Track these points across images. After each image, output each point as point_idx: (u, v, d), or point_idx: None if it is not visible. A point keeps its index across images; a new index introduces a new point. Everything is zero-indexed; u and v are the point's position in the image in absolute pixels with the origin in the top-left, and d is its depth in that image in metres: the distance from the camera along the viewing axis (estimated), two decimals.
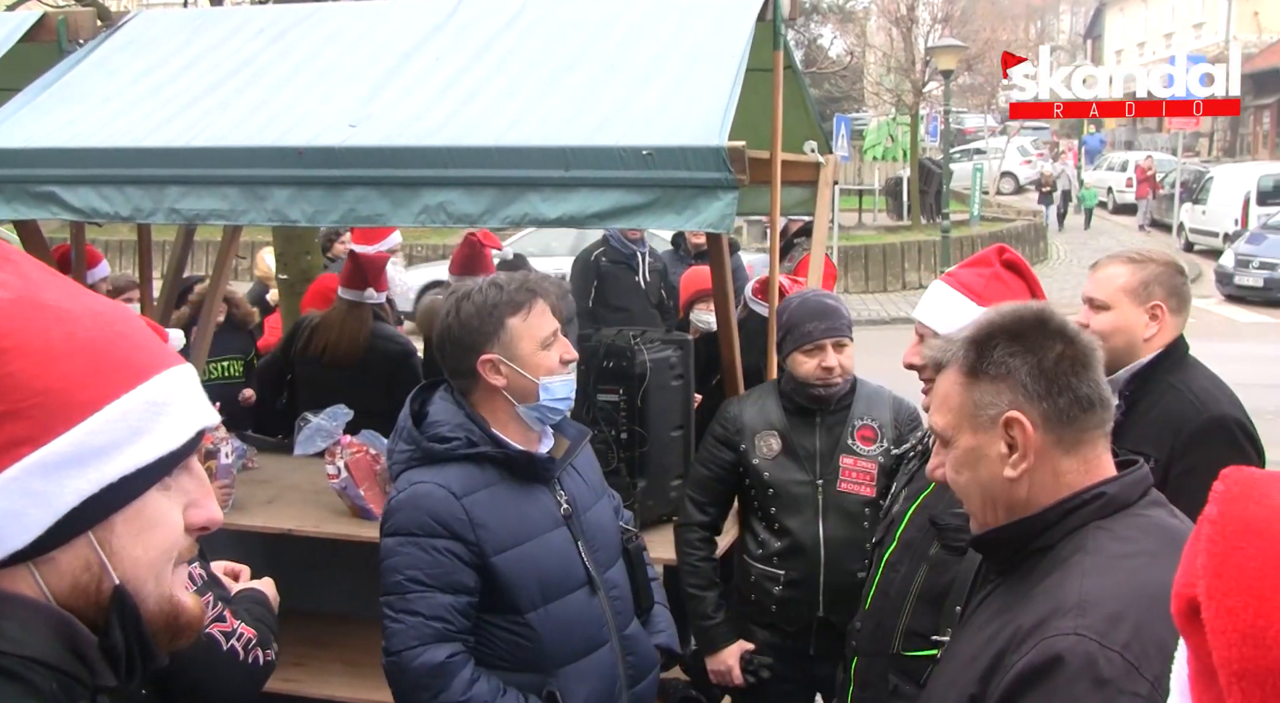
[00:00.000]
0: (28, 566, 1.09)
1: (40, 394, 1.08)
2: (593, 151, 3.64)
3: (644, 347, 4.62)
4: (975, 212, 26.88)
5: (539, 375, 2.82)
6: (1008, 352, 1.81)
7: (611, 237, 7.05)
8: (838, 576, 3.68)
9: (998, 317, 1.88)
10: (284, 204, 3.94)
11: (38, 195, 4.18)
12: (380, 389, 5.41)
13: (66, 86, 4.47)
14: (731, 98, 3.73)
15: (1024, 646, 1.64)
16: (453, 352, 2.84)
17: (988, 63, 33.27)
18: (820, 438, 3.74)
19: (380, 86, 4.12)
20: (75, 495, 1.09)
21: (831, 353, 3.67)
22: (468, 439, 2.81)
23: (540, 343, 2.83)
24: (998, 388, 1.81)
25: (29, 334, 1.08)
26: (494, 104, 3.92)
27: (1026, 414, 1.78)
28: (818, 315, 3.69)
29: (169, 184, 4.05)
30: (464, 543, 2.74)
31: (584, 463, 3.09)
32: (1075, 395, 1.78)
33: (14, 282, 1.12)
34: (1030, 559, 1.79)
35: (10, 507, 1.06)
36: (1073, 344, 1.81)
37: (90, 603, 1.13)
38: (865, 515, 3.70)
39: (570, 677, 2.83)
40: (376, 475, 4.44)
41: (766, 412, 3.81)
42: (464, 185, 3.77)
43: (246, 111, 4.12)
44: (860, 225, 26.84)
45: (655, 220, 3.72)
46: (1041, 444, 1.78)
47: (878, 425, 3.75)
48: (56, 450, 1.08)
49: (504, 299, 2.81)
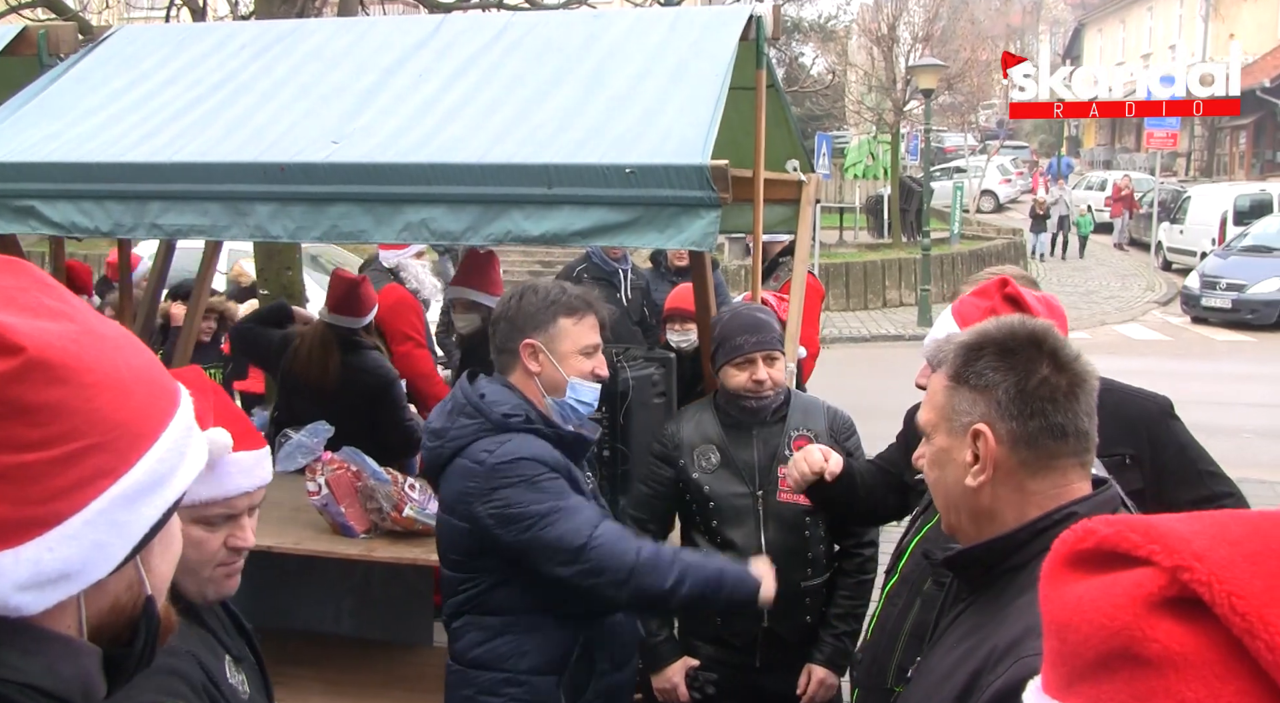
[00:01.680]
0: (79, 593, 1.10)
1: (120, 426, 1.10)
2: (575, 169, 3.64)
3: (626, 364, 4.63)
4: (955, 230, 27.01)
5: (570, 375, 3.12)
6: (992, 365, 1.83)
7: (593, 253, 7.06)
8: (781, 586, 3.69)
9: (994, 328, 1.89)
10: (266, 220, 3.93)
11: (17, 210, 4.15)
12: (357, 417, 5.32)
13: (47, 101, 4.44)
14: (714, 116, 3.74)
15: (1000, 666, 1.64)
16: (504, 329, 3.16)
17: (968, 82, 33.54)
18: (758, 450, 3.77)
19: (363, 103, 4.11)
20: (146, 523, 1.13)
21: (762, 366, 3.71)
22: (527, 416, 3.08)
23: (581, 349, 3.13)
24: (975, 398, 1.83)
25: (105, 368, 1.10)
26: (477, 121, 3.92)
27: (994, 429, 1.80)
28: (748, 329, 3.74)
29: (150, 199, 4.03)
30: (570, 482, 3.06)
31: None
32: (1047, 422, 1.78)
33: (70, 312, 1.13)
34: (1002, 578, 1.80)
35: (99, 539, 1.08)
36: (1061, 371, 1.81)
37: (124, 619, 1.16)
38: (806, 524, 3.74)
39: (601, 632, 3.17)
40: (357, 492, 4.42)
41: (704, 426, 3.84)
42: (447, 202, 3.77)
43: (229, 127, 4.10)
44: (841, 243, 26.97)
45: (638, 239, 3.72)
46: (1006, 462, 1.80)
47: (813, 435, 3.78)
48: (135, 480, 1.11)
49: (564, 300, 3.13)
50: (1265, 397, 14.04)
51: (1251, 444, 11.53)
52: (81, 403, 1.07)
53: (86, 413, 1.07)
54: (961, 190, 29.31)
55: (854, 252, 25.45)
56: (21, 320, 1.06)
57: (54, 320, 1.10)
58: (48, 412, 1.04)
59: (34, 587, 1.05)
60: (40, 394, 1.04)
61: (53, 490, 1.05)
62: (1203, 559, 0.88)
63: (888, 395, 2.65)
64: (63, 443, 1.05)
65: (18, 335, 1.04)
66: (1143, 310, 22.52)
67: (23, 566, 1.03)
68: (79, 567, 1.07)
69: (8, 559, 1.03)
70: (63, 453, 1.05)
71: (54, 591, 1.06)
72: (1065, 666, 0.95)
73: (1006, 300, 2.89)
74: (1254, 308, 20.33)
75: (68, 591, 1.08)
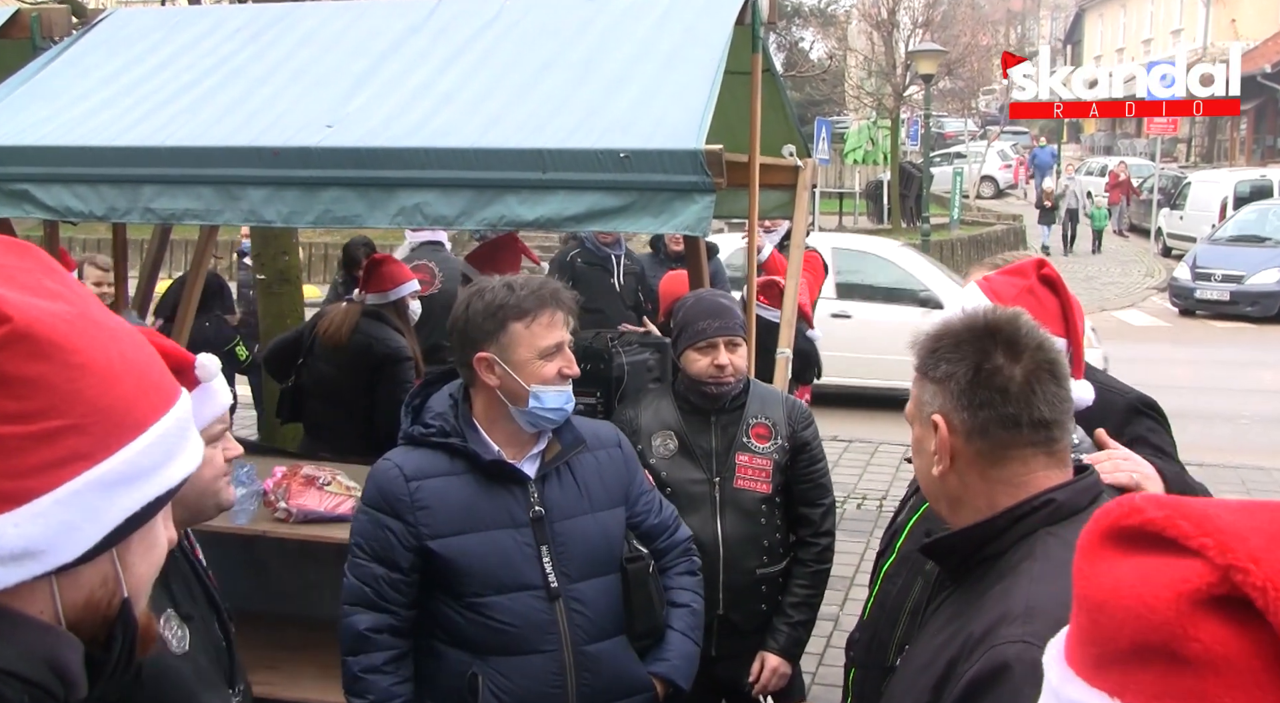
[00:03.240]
0: (50, 578, 1.09)
1: (102, 412, 1.09)
2: (570, 154, 3.64)
3: (621, 349, 4.63)
4: (955, 215, 26.96)
5: (531, 383, 2.88)
6: (946, 356, 1.84)
7: (586, 238, 7.05)
8: (737, 574, 3.70)
9: (957, 319, 1.89)
10: (259, 204, 3.92)
11: (10, 194, 4.15)
12: (361, 387, 5.49)
13: (40, 84, 4.43)
14: (709, 101, 3.73)
15: (974, 654, 1.64)
16: (457, 343, 2.97)
17: (968, 67, 33.48)
18: (716, 436, 3.74)
19: (357, 87, 4.10)
20: (121, 513, 1.11)
21: (724, 351, 3.67)
22: (441, 429, 2.95)
23: (539, 352, 2.89)
24: (935, 389, 1.85)
25: (95, 352, 1.09)
26: (471, 105, 3.91)
27: (949, 420, 1.81)
28: (711, 314, 3.70)
29: (144, 183, 4.02)
30: (403, 522, 2.90)
31: (588, 472, 3.09)
32: (997, 412, 1.78)
33: (69, 295, 1.12)
34: (981, 566, 1.80)
35: (68, 519, 1.07)
36: (1015, 361, 1.80)
37: (99, 617, 1.14)
38: (762, 512, 3.72)
39: (500, 669, 2.91)
40: (316, 482, 4.43)
41: (662, 413, 3.81)
42: (441, 187, 3.76)
43: (222, 111, 4.09)
44: (841, 228, 26.89)
45: (632, 223, 3.71)
46: (963, 452, 1.81)
47: (771, 423, 3.77)
48: (113, 468, 1.09)
49: (511, 303, 2.88)
50: (1264, 383, 14.05)
51: (1250, 430, 11.55)
52: (64, 382, 1.06)
53: (68, 393, 1.06)
54: (961, 176, 29.23)
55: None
56: (12, 294, 1.06)
57: (50, 300, 1.09)
58: (28, 386, 1.04)
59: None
60: (22, 367, 1.04)
61: (25, 466, 1.04)
62: (1259, 562, 0.84)
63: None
64: (41, 419, 1.05)
65: (6, 306, 1.03)
66: (1142, 296, 22.49)
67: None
68: (44, 546, 1.06)
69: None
70: (40, 430, 1.05)
71: (17, 568, 1.05)
72: (1095, 647, 0.93)
73: (1043, 281, 2.84)
74: (1254, 300, 19.55)
75: (31, 570, 1.06)
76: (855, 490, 8.83)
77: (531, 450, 3.01)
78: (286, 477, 4.45)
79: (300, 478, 4.44)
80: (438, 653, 2.98)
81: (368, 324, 5.62)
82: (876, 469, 9.47)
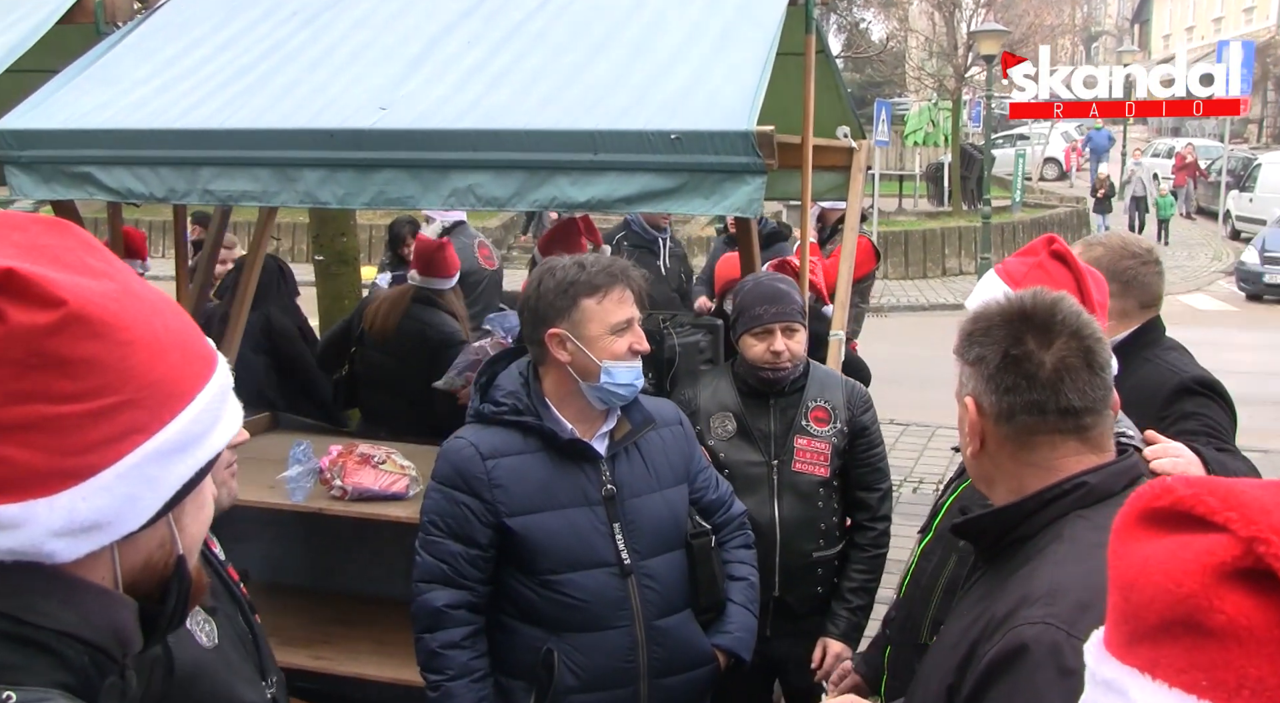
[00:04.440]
0: (111, 545, 1.14)
1: (153, 385, 1.13)
2: (621, 135, 3.64)
3: (673, 331, 4.64)
4: (1017, 198, 26.63)
5: (602, 358, 2.94)
6: (980, 340, 1.84)
7: (632, 221, 7.05)
8: (792, 556, 3.71)
9: (996, 302, 1.89)
10: (315, 186, 3.97)
11: (74, 176, 4.23)
12: (418, 374, 5.46)
13: (103, 69, 4.51)
14: (761, 82, 3.71)
15: (995, 635, 1.64)
16: (529, 320, 3.01)
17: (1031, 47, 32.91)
18: (774, 419, 3.75)
19: (410, 70, 4.13)
20: (178, 480, 1.16)
21: (780, 337, 3.68)
22: (514, 407, 3.00)
23: (610, 328, 2.94)
24: (969, 371, 1.85)
25: (141, 327, 1.13)
26: (523, 87, 3.92)
27: (979, 403, 1.82)
28: (768, 299, 3.70)
29: (202, 165, 4.09)
30: (480, 500, 2.94)
31: (654, 450, 3.15)
32: (1024, 398, 1.78)
33: (112, 272, 1.16)
34: (1012, 547, 1.79)
35: (131, 492, 1.11)
36: (1047, 347, 1.79)
37: (155, 576, 1.20)
38: (819, 495, 3.73)
39: (575, 645, 2.96)
40: (371, 460, 4.48)
41: (721, 394, 3.83)
42: (493, 168, 3.78)
43: (279, 94, 4.14)
44: (900, 211, 26.68)
45: (683, 205, 3.71)
46: (992, 435, 1.82)
47: (831, 407, 3.77)
48: (168, 438, 1.14)
49: (583, 279, 2.93)
50: None
51: None
52: (117, 360, 1.10)
53: (122, 370, 1.10)
54: (1024, 158, 28.85)
55: (913, 220, 25.16)
56: (63, 276, 1.09)
57: (95, 279, 1.13)
58: (84, 366, 1.07)
59: (68, 534, 1.08)
60: (77, 348, 1.07)
61: (86, 443, 1.08)
62: None
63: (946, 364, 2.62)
64: (97, 397, 1.08)
65: (60, 289, 1.07)
66: (1209, 280, 22.07)
67: (57, 513, 1.07)
68: (111, 518, 1.11)
69: (42, 507, 1.06)
70: (97, 407, 1.08)
71: (87, 539, 1.10)
72: (1128, 625, 0.94)
73: (1053, 256, 2.84)
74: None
75: (100, 541, 1.11)
76: (911, 474, 8.79)
77: (601, 428, 3.07)
78: (342, 455, 4.51)
79: (355, 457, 4.50)
80: (508, 628, 3.03)
81: (419, 309, 5.62)
82: (933, 453, 9.41)
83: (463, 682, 2.93)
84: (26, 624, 1.08)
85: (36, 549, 1.08)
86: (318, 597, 5.07)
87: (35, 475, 1.07)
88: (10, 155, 4.24)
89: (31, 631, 1.08)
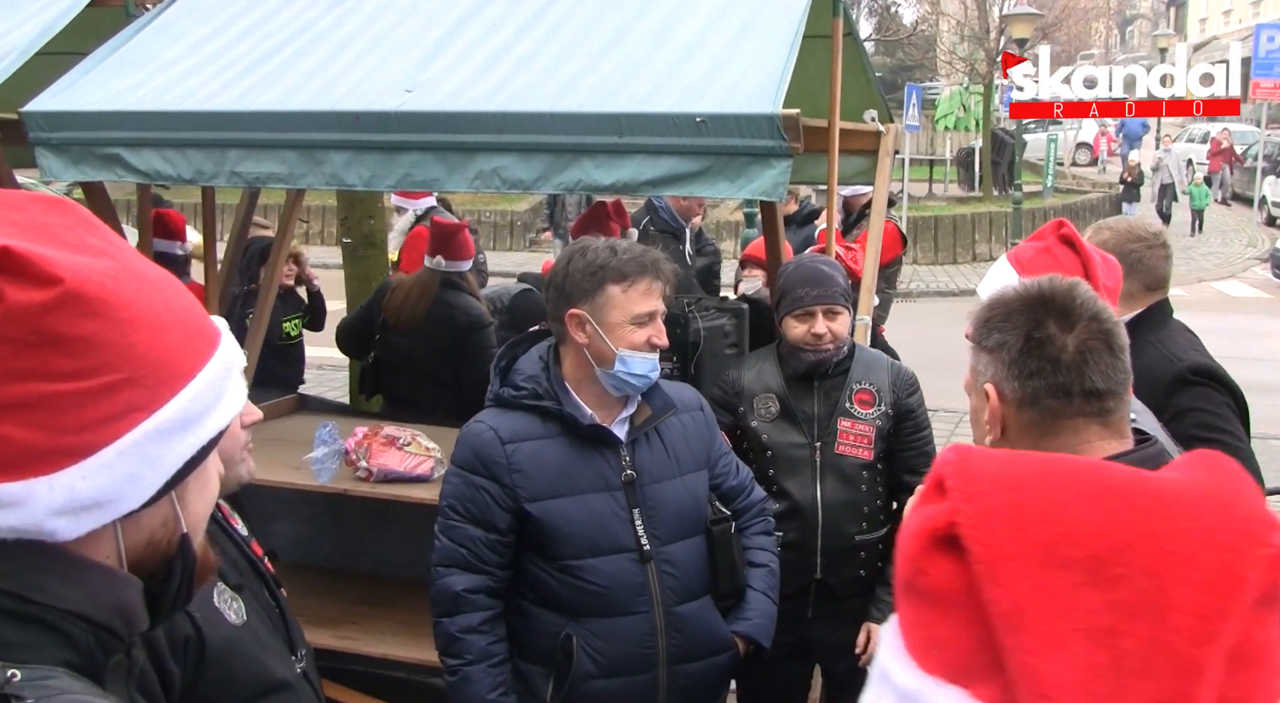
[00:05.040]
0: (115, 523, 1.14)
1: (154, 363, 1.13)
2: (646, 118, 3.63)
3: (698, 314, 4.62)
4: (1049, 183, 26.41)
5: (619, 347, 2.92)
6: (999, 326, 1.82)
7: (660, 208, 7.03)
8: (835, 539, 3.70)
9: (1011, 289, 1.87)
10: (341, 168, 3.98)
11: (103, 158, 4.26)
12: (444, 358, 5.47)
13: (131, 51, 4.53)
14: (787, 65, 3.69)
15: None
16: (553, 297, 3.00)
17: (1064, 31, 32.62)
18: (818, 401, 3.75)
19: (436, 52, 4.13)
20: (179, 458, 1.16)
21: (821, 320, 3.67)
22: (534, 391, 2.98)
23: (632, 317, 2.92)
24: (988, 359, 1.84)
25: (141, 305, 1.13)
26: (548, 70, 3.92)
27: (999, 389, 1.80)
28: (810, 282, 3.69)
29: (229, 147, 4.10)
30: (499, 484, 2.93)
31: (675, 435, 3.14)
32: (1048, 382, 1.76)
33: (112, 250, 1.16)
34: None
35: (131, 470, 1.12)
36: (1069, 330, 1.78)
37: (159, 555, 1.20)
38: (863, 478, 3.72)
39: (594, 630, 2.96)
40: (397, 442, 4.49)
41: (765, 376, 3.82)
42: (518, 151, 3.78)
43: (304, 77, 4.15)
44: (931, 196, 26.51)
45: (708, 188, 3.70)
46: (1014, 421, 1.80)
47: (875, 390, 3.76)
48: (168, 417, 1.14)
49: (612, 265, 2.92)
50: None
51: None
52: (116, 337, 1.10)
53: (121, 348, 1.10)
54: (1056, 143, 28.60)
55: (944, 205, 25.00)
56: (61, 254, 1.09)
57: (94, 257, 1.13)
58: (82, 344, 1.08)
59: (69, 513, 1.09)
60: (75, 326, 1.07)
61: (86, 421, 1.09)
62: (973, 501, 0.89)
63: None
64: (96, 375, 1.09)
65: (56, 267, 1.07)
66: (1243, 267, 21.84)
67: (58, 492, 1.08)
68: (112, 496, 1.11)
69: (42, 486, 1.07)
70: (96, 385, 1.09)
71: (88, 517, 1.10)
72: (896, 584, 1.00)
73: (1061, 241, 2.83)
74: None
75: (101, 519, 1.12)
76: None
77: (621, 414, 3.06)
78: (368, 437, 4.53)
79: (381, 438, 4.52)
80: (527, 613, 3.03)
81: (446, 293, 5.60)
82: (960, 439, 9.37)
83: (481, 666, 2.94)
84: (32, 603, 1.08)
85: (38, 527, 1.08)
86: (343, 578, 5.10)
87: (35, 454, 1.07)
88: (41, 137, 4.27)
89: (36, 609, 1.08)
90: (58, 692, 1.04)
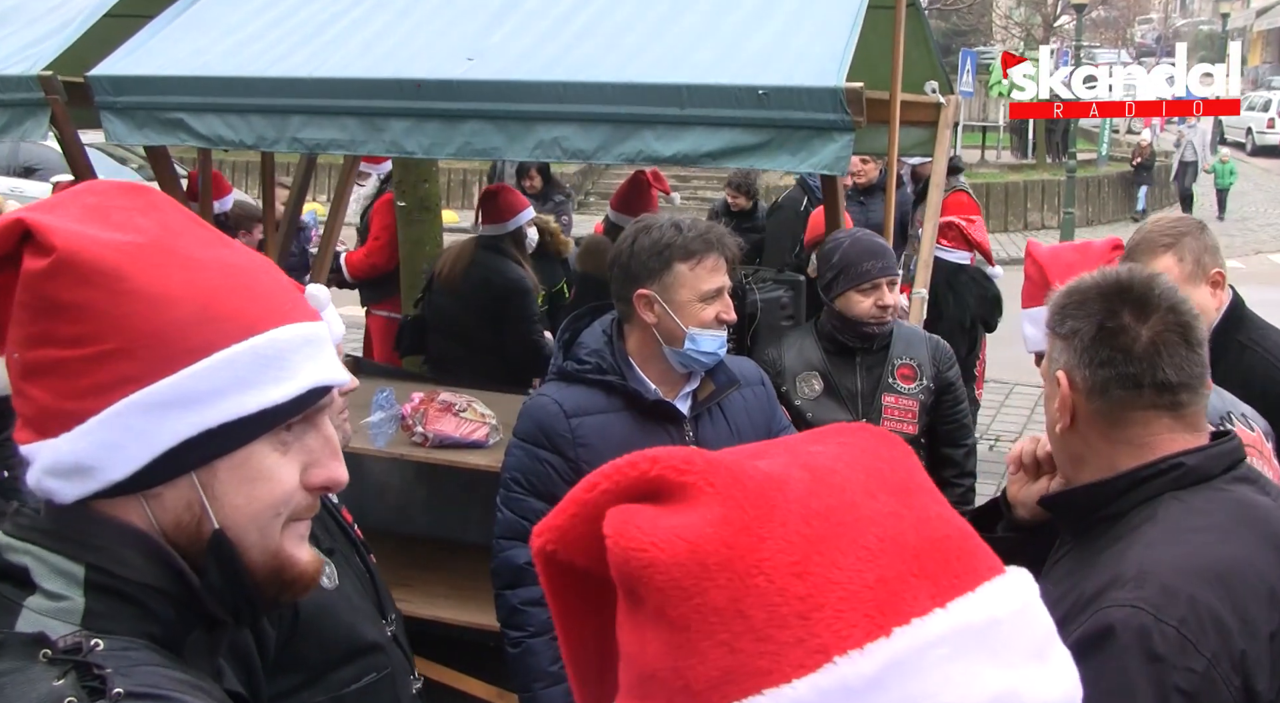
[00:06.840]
0: (138, 498, 1.14)
1: (151, 336, 1.12)
2: (708, 90, 3.61)
3: (755, 286, 4.62)
4: (1104, 151, 26.00)
5: (689, 325, 2.90)
6: (1073, 313, 1.80)
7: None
8: None
9: (1090, 276, 1.85)
10: (401, 136, 4.00)
11: (166, 122, 4.30)
12: (485, 322, 5.47)
13: (195, 16, 4.56)
14: (851, 37, 3.66)
15: (1082, 615, 1.62)
16: (619, 277, 2.96)
17: None
18: (861, 378, 3.74)
19: (497, 21, 4.13)
20: (173, 436, 1.13)
21: (887, 291, 3.66)
22: (598, 366, 2.97)
23: (700, 295, 2.89)
24: (1062, 346, 1.81)
25: (150, 278, 1.12)
26: (610, 40, 3.90)
27: (1071, 377, 1.78)
28: (873, 254, 3.67)
29: (291, 113, 4.13)
30: (563, 457, 2.92)
31: (737, 410, 3.12)
32: (1119, 372, 1.73)
33: (151, 228, 1.16)
34: (1101, 525, 1.76)
35: (111, 439, 1.11)
36: (1144, 321, 1.74)
37: (190, 542, 1.16)
38: None
39: None
40: (453, 408, 4.52)
41: (806, 353, 3.80)
42: (579, 121, 3.78)
43: (366, 43, 4.16)
44: (983, 163, 26.18)
45: (769, 161, 3.69)
46: (1083, 409, 1.77)
47: (916, 364, 3.76)
48: (158, 392, 1.11)
49: (678, 243, 2.87)
50: None
51: None
52: (111, 307, 1.11)
53: (116, 317, 1.11)
54: None
55: (996, 172, 24.69)
56: (72, 226, 1.12)
57: (119, 231, 1.14)
58: (76, 311, 1.10)
59: (57, 475, 1.12)
60: (70, 293, 1.10)
61: (81, 388, 1.11)
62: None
63: None
64: (90, 343, 1.11)
65: (54, 236, 1.10)
66: None
67: (46, 452, 1.12)
68: (91, 463, 1.11)
69: (46, 447, 1.12)
70: (91, 352, 1.11)
71: (78, 481, 1.12)
72: None
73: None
74: None
75: (88, 486, 1.12)
76: (989, 431, 8.69)
77: (684, 389, 3.04)
78: (424, 402, 4.56)
79: (437, 404, 4.55)
80: None
81: (484, 256, 5.58)
82: (1010, 410, 9.32)
83: (543, 639, 2.95)
84: (117, 576, 1.11)
85: (42, 487, 1.13)
86: (394, 541, 5.16)
87: (47, 415, 1.12)
88: (106, 101, 4.31)
89: (121, 583, 1.11)
90: (137, 663, 1.06)
